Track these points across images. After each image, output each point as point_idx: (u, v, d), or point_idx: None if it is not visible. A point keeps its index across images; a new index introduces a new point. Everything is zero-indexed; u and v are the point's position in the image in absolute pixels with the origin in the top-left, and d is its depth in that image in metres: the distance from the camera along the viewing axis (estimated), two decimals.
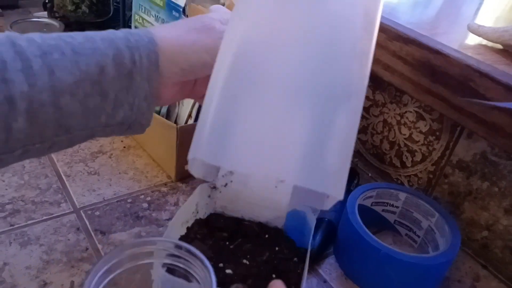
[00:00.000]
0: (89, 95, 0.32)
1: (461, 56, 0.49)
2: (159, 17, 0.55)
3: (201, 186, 0.45)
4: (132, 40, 0.34)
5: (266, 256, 0.43)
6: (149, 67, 0.35)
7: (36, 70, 0.30)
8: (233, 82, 0.38)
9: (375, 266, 0.46)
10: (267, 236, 0.46)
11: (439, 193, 0.57)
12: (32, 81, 0.30)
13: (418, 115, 0.58)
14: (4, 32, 0.32)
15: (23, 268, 0.44)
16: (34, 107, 0.30)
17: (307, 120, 0.38)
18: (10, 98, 0.29)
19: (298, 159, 0.39)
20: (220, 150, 0.38)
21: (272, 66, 0.38)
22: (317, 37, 0.37)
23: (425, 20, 0.63)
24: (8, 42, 0.30)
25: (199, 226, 0.45)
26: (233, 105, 0.38)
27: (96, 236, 0.48)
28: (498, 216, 0.51)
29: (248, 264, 0.42)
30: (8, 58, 0.29)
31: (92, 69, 0.32)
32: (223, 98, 0.38)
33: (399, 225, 0.54)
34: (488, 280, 0.51)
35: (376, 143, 0.65)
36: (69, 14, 0.78)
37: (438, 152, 0.56)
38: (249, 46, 0.38)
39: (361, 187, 0.52)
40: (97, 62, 0.32)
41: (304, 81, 0.38)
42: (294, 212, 0.45)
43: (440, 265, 0.45)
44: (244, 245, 0.44)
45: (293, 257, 0.44)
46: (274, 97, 0.38)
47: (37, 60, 0.30)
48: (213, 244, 0.43)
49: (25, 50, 0.30)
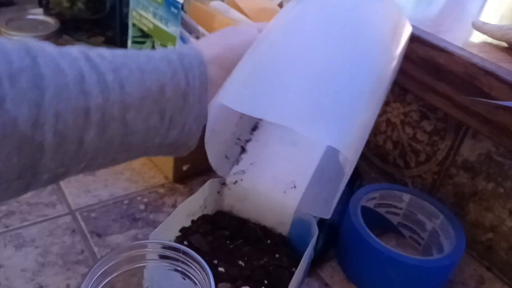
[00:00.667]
0: (150, 113, 0.33)
1: (466, 54, 0.48)
2: (157, 13, 0.54)
3: (211, 181, 0.45)
4: (185, 61, 0.36)
5: (263, 261, 0.42)
6: (200, 88, 0.36)
7: (110, 83, 0.31)
8: (276, 49, 0.38)
9: (378, 269, 0.45)
10: (269, 242, 0.45)
11: (444, 194, 0.56)
12: (106, 94, 0.30)
13: (422, 114, 0.57)
14: (75, 46, 0.33)
15: (18, 270, 0.43)
16: (105, 120, 0.31)
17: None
18: (86, 110, 0.29)
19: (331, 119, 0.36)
20: (252, 99, 0.36)
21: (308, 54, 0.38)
22: (350, 44, 0.39)
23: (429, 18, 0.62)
24: (83, 57, 0.31)
25: (204, 221, 0.46)
26: (272, 63, 0.38)
27: (92, 238, 0.48)
28: (503, 218, 0.50)
29: (243, 266, 0.42)
30: (85, 72, 0.30)
31: (154, 87, 0.33)
32: (262, 57, 0.38)
33: (403, 227, 0.53)
34: (493, 282, 0.50)
35: (379, 143, 0.64)
36: (65, 11, 0.77)
37: (443, 152, 0.56)
38: (289, 36, 0.39)
39: (364, 188, 0.51)
40: (158, 80, 0.33)
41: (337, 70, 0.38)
42: (300, 220, 0.44)
43: (444, 268, 0.44)
44: (243, 247, 0.44)
45: (291, 266, 0.43)
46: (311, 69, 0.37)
47: (110, 75, 0.31)
48: (213, 240, 0.44)
49: (99, 65, 0.31)
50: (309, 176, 0.46)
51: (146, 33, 0.58)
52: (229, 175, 0.46)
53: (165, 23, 0.54)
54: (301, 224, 0.44)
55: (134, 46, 0.61)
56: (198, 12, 0.55)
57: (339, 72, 0.37)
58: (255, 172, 0.46)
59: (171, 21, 0.53)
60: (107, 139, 0.32)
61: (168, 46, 0.54)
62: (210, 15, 0.53)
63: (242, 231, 0.45)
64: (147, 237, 0.48)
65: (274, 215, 0.45)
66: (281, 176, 0.46)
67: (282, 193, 0.45)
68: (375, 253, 0.44)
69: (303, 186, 0.45)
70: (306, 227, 0.43)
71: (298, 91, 0.36)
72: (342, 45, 0.38)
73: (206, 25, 0.52)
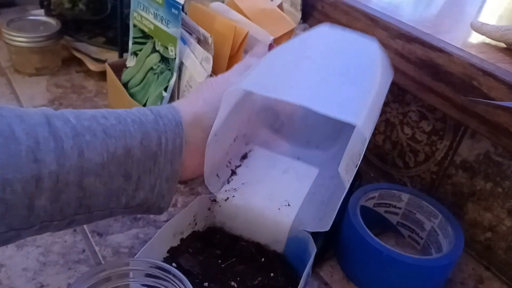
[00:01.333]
0: (113, 176, 0.33)
1: (464, 55, 0.48)
2: (158, 14, 0.55)
3: (201, 197, 0.44)
4: (161, 123, 0.36)
5: (257, 281, 0.40)
6: (173, 150, 0.36)
7: (67, 150, 0.31)
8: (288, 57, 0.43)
9: (377, 268, 0.45)
10: (263, 260, 0.43)
11: (442, 194, 0.56)
12: (62, 161, 0.30)
13: (421, 115, 0.57)
14: (41, 108, 0.33)
15: (19, 270, 0.43)
16: (59, 186, 0.30)
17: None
18: (38, 177, 0.29)
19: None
20: (272, 85, 0.38)
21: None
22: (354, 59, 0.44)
23: (427, 18, 0.62)
24: (44, 122, 0.31)
25: (194, 239, 0.43)
26: (288, 62, 0.42)
27: (93, 238, 0.48)
28: (501, 217, 0.51)
29: (236, 287, 0.39)
30: (42, 139, 0.30)
31: (119, 151, 0.33)
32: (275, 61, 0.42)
33: (402, 227, 0.53)
34: (492, 281, 0.51)
35: (378, 143, 0.64)
36: (66, 12, 0.77)
37: (442, 152, 0.56)
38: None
39: (363, 188, 0.51)
40: (125, 145, 0.33)
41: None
42: (296, 237, 0.43)
43: (443, 267, 0.44)
44: (236, 266, 0.42)
45: (287, 286, 0.40)
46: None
47: (69, 141, 0.31)
48: (203, 260, 0.41)
49: (60, 130, 0.31)
50: (303, 196, 0.46)
51: (147, 34, 0.59)
52: (220, 192, 0.44)
53: (166, 24, 0.54)
54: (297, 241, 0.42)
55: (135, 46, 0.61)
56: (198, 13, 0.56)
57: (349, 71, 0.41)
58: (248, 190, 0.45)
59: (171, 22, 0.53)
60: (62, 203, 0.31)
61: (168, 46, 0.55)
62: (210, 16, 0.54)
63: (235, 249, 0.43)
64: (148, 236, 0.49)
65: (268, 231, 0.43)
66: (275, 194, 0.45)
67: (277, 210, 0.43)
68: (374, 252, 0.44)
69: (297, 205, 0.45)
70: (302, 244, 0.42)
71: (315, 82, 0.39)
72: (348, 56, 0.44)
73: (206, 26, 0.53)
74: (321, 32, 0.47)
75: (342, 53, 0.44)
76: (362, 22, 0.58)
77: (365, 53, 0.45)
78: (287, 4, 0.66)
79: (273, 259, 0.43)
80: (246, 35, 0.51)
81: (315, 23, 0.66)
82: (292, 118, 0.55)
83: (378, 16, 0.56)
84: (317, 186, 0.48)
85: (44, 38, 0.72)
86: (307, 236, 0.41)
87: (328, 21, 0.64)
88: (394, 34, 0.54)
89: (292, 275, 0.42)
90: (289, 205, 0.44)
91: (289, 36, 0.57)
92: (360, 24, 0.59)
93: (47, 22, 0.76)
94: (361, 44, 0.47)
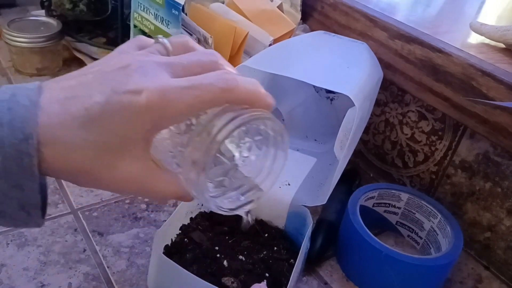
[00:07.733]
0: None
1: (463, 55, 0.48)
2: (158, 15, 0.55)
3: None
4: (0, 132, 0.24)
5: (262, 254, 0.44)
6: (18, 173, 0.25)
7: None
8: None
9: (377, 268, 0.45)
10: (266, 235, 0.47)
11: (442, 193, 0.57)
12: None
13: (420, 115, 0.57)
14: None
15: (20, 269, 0.44)
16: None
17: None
18: None
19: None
20: (279, 64, 0.47)
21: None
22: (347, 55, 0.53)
23: (427, 19, 0.63)
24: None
25: (203, 218, 0.48)
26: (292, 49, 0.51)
27: (94, 238, 0.48)
28: (500, 217, 0.51)
29: (244, 260, 0.44)
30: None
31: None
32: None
33: (401, 226, 0.54)
34: (491, 281, 0.51)
35: (377, 143, 0.64)
36: (67, 12, 0.77)
37: (441, 152, 0.56)
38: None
39: (363, 187, 0.51)
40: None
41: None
42: (295, 213, 0.47)
43: (442, 267, 0.45)
44: (242, 241, 0.46)
45: (289, 258, 0.45)
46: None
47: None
48: (213, 236, 0.46)
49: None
50: (302, 178, 0.52)
51: (148, 34, 0.59)
52: None
53: (166, 25, 0.54)
54: (297, 216, 0.47)
55: None
56: (199, 14, 0.56)
57: (341, 58, 0.51)
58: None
59: (172, 23, 0.53)
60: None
61: None
62: (211, 17, 0.54)
63: (240, 226, 0.47)
64: (149, 236, 0.49)
65: (270, 208, 0.48)
66: None
67: (277, 188, 0.48)
68: (373, 252, 0.44)
69: (297, 184, 0.50)
70: (301, 219, 0.46)
71: (312, 63, 0.47)
72: (340, 50, 0.53)
73: (206, 27, 0.53)
74: (315, 34, 0.54)
75: (335, 47, 0.52)
76: (361, 22, 0.59)
77: (355, 49, 0.54)
78: (287, 4, 0.66)
79: (275, 235, 0.48)
80: (246, 36, 0.51)
81: (315, 23, 0.66)
82: (291, 115, 0.61)
83: (378, 16, 0.57)
84: (315, 171, 0.54)
85: (45, 39, 0.72)
86: (305, 210, 0.46)
87: (328, 22, 0.64)
88: (393, 35, 0.54)
89: (293, 248, 0.46)
90: (289, 184, 0.50)
91: (289, 37, 0.57)
92: (359, 25, 0.59)
93: (47, 23, 0.76)
94: (351, 43, 0.55)
